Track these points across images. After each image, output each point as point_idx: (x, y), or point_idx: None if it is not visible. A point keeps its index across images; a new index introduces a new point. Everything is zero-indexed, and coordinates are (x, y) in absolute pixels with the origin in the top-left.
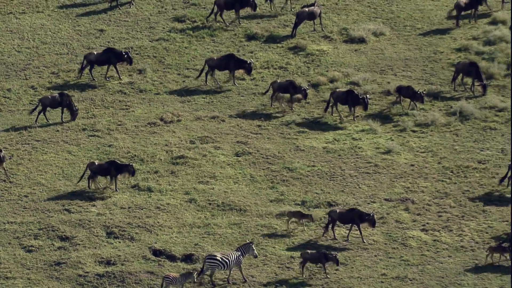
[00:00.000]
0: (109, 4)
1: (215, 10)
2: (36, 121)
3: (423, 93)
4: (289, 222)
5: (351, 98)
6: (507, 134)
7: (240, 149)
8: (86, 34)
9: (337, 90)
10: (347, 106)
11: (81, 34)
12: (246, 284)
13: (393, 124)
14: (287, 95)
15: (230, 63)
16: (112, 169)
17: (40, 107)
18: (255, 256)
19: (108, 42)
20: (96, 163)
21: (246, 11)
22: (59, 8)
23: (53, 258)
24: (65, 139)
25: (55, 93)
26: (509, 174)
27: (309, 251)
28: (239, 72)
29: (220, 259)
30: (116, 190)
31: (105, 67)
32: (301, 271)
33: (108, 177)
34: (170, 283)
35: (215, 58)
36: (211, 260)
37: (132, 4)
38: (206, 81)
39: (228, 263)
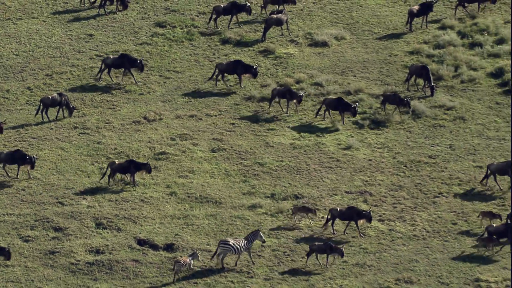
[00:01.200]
0: (98, 11)
1: (214, 16)
2: (42, 118)
3: (409, 99)
4: (295, 216)
5: (341, 105)
6: (455, 131)
7: (215, 145)
8: (77, 38)
9: (328, 97)
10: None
11: (72, 38)
12: (222, 270)
13: (352, 121)
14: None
15: (238, 67)
16: (131, 167)
17: (42, 107)
18: (263, 242)
19: (97, 46)
20: (117, 162)
21: (241, 16)
22: (53, 14)
23: (48, 248)
24: (58, 137)
25: (54, 94)
26: (488, 173)
27: (316, 243)
28: (245, 76)
29: (232, 244)
30: (134, 186)
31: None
32: (306, 260)
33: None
34: (182, 266)
35: (224, 63)
36: (224, 245)
37: (120, 10)
38: (216, 83)
39: (238, 248)
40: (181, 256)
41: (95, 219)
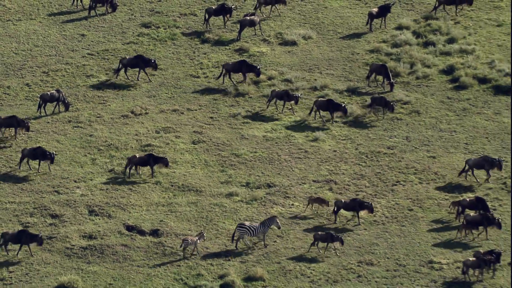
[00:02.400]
0: (89, 12)
1: (206, 17)
2: (40, 113)
3: (394, 103)
4: (311, 207)
5: (331, 105)
6: (411, 124)
7: (196, 138)
8: (70, 38)
9: (319, 99)
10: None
11: (66, 38)
12: (196, 255)
13: (319, 114)
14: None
15: (243, 67)
16: (151, 160)
17: (41, 102)
18: (279, 227)
19: (89, 45)
20: (137, 156)
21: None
22: (48, 16)
23: (46, 233)
24: (54, 130)
25: (53, 90)
26: (466, 168)
27: (320, 232)
28: (249, 75)
29: (248, 227)
30: (153, 177)
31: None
32: (309, 248)
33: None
34: (189, 245)
35: (230, 63)
36: (241, 228)
37: (109, 12)
38: (223, 81)
39: (254, 231)
40: (186, 236)
41: (88, 206)
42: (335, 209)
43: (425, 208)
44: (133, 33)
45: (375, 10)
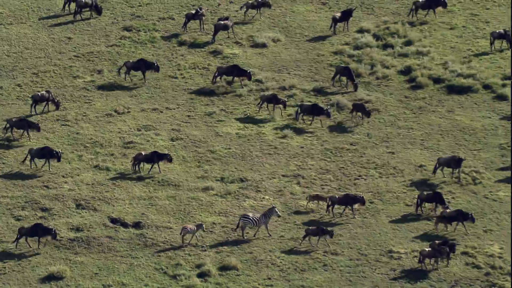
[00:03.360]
0: (74, 17)
1: (186, 22)
2: (30, 112)
3: (370, 110)
4: (311, 203)
5: (315, 109)
6: (371, 121)
7: (174, 135)
8: (58, 41)
9: (305, 103)
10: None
11: (54, 41)
12: (175, 246)
13: (287, 113)
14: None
15: (235, 71)
16: (155, 157)
17: (32, 102)
18: (279, 216)
19: (75, 47)
20: (143, 153)
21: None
22: (38, 20)
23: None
24: (43, 128)
25: (43, 91)
26: (437, 166)
27: (310, 227)
28: (240, 79)
29: (251, 218)
30: (159, 172)
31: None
32: (301, 241)
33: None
34: (187, 232)
35: (224, 66)
36: (245, 218)
37: (93, 17)
38: (215, 82)
39: (257, 221)
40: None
41: (75, 200)
42: (330, 204)
43: (385, 201)
44: (116, 36)
45: (338, 14)
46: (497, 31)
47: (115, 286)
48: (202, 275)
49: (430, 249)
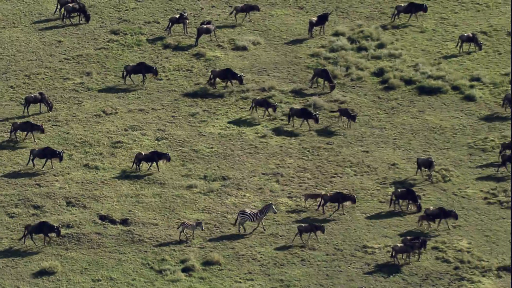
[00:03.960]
0: (62, 21)
1: (169, 25)
2: (23, 112)
3: (356, 114)
4: (306, 201)
5: (304, 114)
6: (347, 121)
7: (159, 135)
8: (49, 44)
9: (295, 107)
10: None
11: (45, 44)
12: (165, 241)
13: (267, 113)
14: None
15: (228, 74)
16: (155, 156)
17: (25, 103)
18: (275, 212)
19: (65, 50)
20: (143, 153)
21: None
22: (30, 24)
23: (29, 223)
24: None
25: (36, 93)
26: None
27: (303, 224)
28: (232, 82)
29: (249, 214)
30: (158, 170)
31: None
32: (293, 239)
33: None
34: (186, 228)
35: (217, 70)
36: (243, 214)
37: (82, 23)
38: (209, 84)
39: (254, 217)
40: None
41: (65, 198)
42: (322, 202)
43: (360, 198)
44: (104, 39)
45: (314, 19)
46: (465, 34)
47: (104, 281)
48: (186, 270)
49: (402, 244)
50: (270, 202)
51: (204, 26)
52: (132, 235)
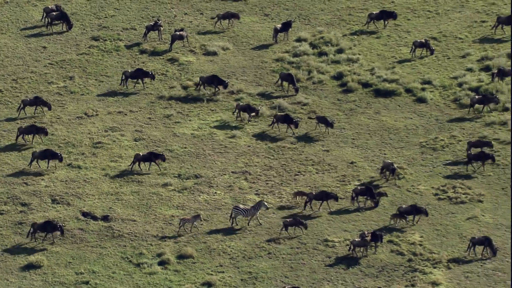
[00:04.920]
0: (46, 28)
1: (146, 32)
2: (18, 114)
3: (333, 121)
4: (296, 198)
5: (287, 119)
6: (309, 122)
7: (137, 135)
8: (34, 50)
9: (278, 114)
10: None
11: (31, 50)
12: (143, 236)
13: (236, 115)
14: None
15: (214, 80)
16: (152, 157)
17: (22, 105)
18: (267, 208)
19: (49, 56)
20: (141, 154)
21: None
22: (17, 31)
23: (17, 219)
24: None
25: (32, 97)
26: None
27: (288, 219)
28: (219, 87)
29: (242, 209)
30: (160, 169)
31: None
32: (280, 232)
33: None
34: (186, 222)
35: (205, 76)
36: (236, 209)
37: (65, 31)
38: (199, 90)
39: (247, 212)
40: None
41: (51, 196)
42: (307, 200)
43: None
44: (85, 45)
45: (279, 25)
46: (418, 40)
47: (86, 274)
48: (162, 263)
49: (359, 239)
50: (261, 199)
51: (178, 33)
52: (112, 231)
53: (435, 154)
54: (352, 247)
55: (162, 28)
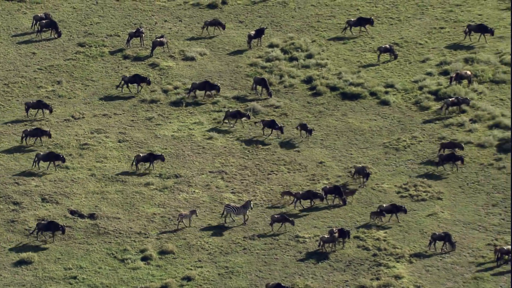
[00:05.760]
0: (36, 35)
1: (128, 39)
2: (28, 115)
3: (312, 129)
4: (284, 197)
5: (273, 125)
6: (281, 124)
7: (121, 137)
8: (24, 55)
9: (265, 119)
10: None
11: (21, 55)
12: (127, 233)
13: (213, 117)
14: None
15: (206, 86)
16: (151, 157)
17: (27, 107)
18: (251, 208)
19: (39, 61)
20: (141, 155)
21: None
22: (8, 37)
23: (9, 217)
24: (14, 132)
25: (34, 100)
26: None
27: (275, 215)
28: (211, 92)
29: (233, 207)
30: (153, 169)
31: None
32: (271, 228)
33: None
34: (183, 218)
35: (197, 82)
36: (227, 207)
37: (54, 38)
38: (189, 95)
39: (237, 210)
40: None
41: (41, 195)
42: (295, 200)
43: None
44: (72, 51)
45: (252, 32)
46: (383, 46)
47: (74, 269)
48: (145, 259)
49: (328, 235)
50: (249, 199)
51: (158, 39)
52: (98, 228)
53: (397, 154)
54: (321, 243)
55: (143, 35)
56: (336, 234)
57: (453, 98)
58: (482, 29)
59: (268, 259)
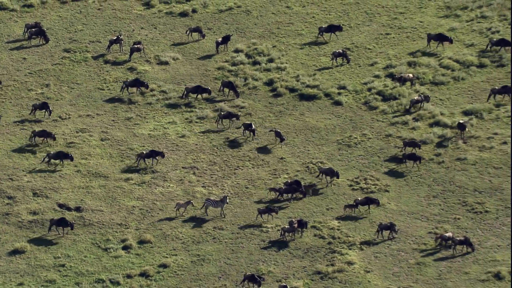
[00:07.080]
0: (26, 41)
1: (109, 45)
2: (35, 116)
3: (284, 138)
4: (271, 193)
5: (249, 127)
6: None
7: (103, 136)
8: (16, 60)
9: (246, 122)
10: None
11: (13, 60)
12: (109, 224)
13: (185, 117)
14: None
15: (198, 89)
16: (153, 154)
17: (33, 109)
18: (227, 203)
19: (29, 66)
20: (144, 152)
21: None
22: (0, 44)
23: (4, 211)
24: (8, 131)
25: (40, 102)
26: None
27: (261, 207)
28: (202, 95)
29: (212, 200)
30: (156, 164)
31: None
32: (261, 219)
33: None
34: (180, 207)
35: (190, 87)
36: (207, 201)
37: (43, 44)
38: (183, 98)
39: (215, 204)
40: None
41: (32, 190)
42: (278, 194)
43: (256, 186)
44: (59, 56)
45: (220, 39)
46: (337, 50)
47: (62, 258)
48: (125, 248)
49: (289, 225)
50: (225, 195)
51: (136, 45)
52: (84, 220)
53: (349, 150)
54: (282, 232)
55: (123, 42)
56: (296, 225)
57: (419, 97)
58: (441, 38)
59: (235, 247)
